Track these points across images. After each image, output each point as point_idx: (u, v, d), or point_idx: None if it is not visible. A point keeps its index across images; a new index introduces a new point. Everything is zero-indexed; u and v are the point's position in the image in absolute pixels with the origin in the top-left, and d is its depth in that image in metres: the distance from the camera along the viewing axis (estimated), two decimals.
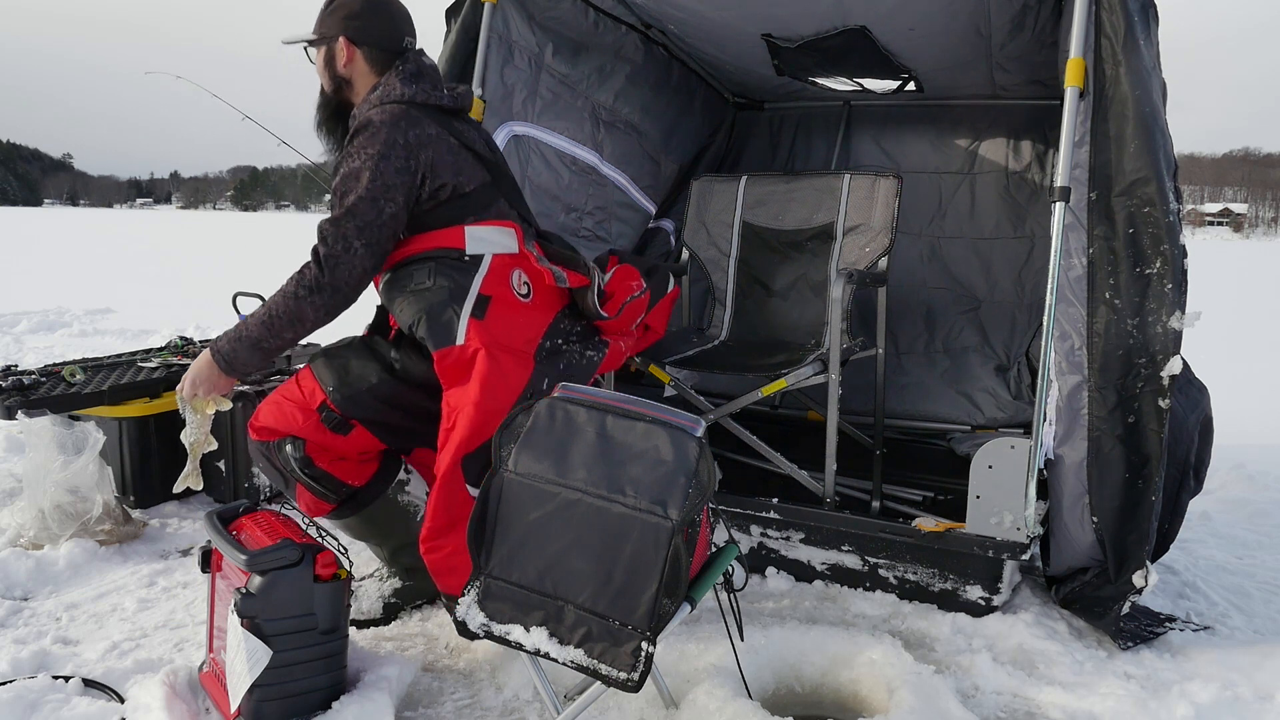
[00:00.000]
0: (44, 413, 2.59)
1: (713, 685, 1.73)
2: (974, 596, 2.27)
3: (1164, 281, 1.99)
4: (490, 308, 1.94)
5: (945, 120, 3.59)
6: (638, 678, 1.47)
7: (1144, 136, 1.97)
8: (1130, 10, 1.98)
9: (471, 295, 1.93)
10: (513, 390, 1.91)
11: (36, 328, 7.07)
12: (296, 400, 2.02)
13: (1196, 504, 2.80)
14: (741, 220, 3.09)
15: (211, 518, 1.80)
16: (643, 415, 1.59)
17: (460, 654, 2.03)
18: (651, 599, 1.48)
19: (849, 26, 2.81)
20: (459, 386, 1.88)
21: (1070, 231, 2.06)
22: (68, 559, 2.43)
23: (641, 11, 3.00)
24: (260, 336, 1.94)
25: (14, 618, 2.18)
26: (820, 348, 2.67)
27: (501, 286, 1.98)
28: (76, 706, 1.75)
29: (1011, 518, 2.18)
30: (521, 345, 1.96)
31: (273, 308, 1.92)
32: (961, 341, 3.48)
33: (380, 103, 1.97)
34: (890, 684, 1.79)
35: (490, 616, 1.60)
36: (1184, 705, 1.84)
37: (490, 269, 1.98)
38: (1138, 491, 2.05)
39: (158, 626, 2.16)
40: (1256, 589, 2.49)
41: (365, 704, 1.71)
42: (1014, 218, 3.47)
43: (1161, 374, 2.00)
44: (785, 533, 2.44)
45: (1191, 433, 2.22)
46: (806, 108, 3.84)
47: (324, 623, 1.70)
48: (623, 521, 1.52)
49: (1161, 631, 2.17)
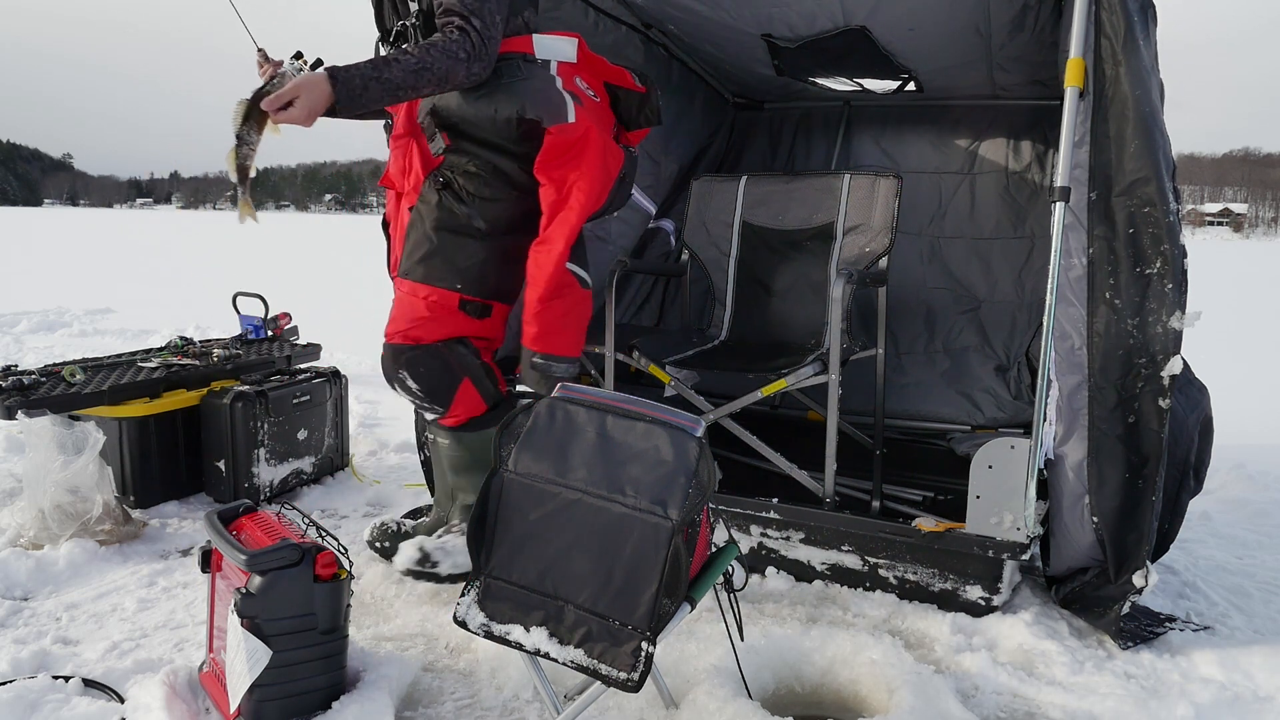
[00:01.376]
0: (44, 413, 2.59)
1: (713, 685, 1.73)
2: (974, 596, 2.27)
3: (1164, 281, 1.99)
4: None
5: (945, 120, 3.59)
6: (638, 678, 1.47)
7: (1144, 137, 1.97)
8: (1130, 10, 1.98)
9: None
10: (612, 172, 2.19)
11: (36, 328, 7.07)
12: (435, 311, 2.20)
13: (1196, 504, 2.80)
14: (742, 220, 3.09)
15: (211, 518, 1.80)
16: (643, 415, 1.59)
17: (460, 654, 2.03)
18: (651, 599, 1.48)
19: (849, 27, 2.81)
20: (569, 163, 2.12)
21: (1070, 231, 2.06)
22: (68, 559, 2.43)
23: (641, 12, 3.00)
24: (402, 82, 1.99)
25: (14, 618, 2.18)
26: (820, 348, 2.67)
27: (572, 87, 2.19)
28: (76, 706, 1.75)
29: (1011, 518, 2.18)
30: (611, 132, 2.23)
31: (426, 61, 1.99)
32: (961, 341, 3.48)
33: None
34: (890, 684, 1.78)
35: (490, 616, 1.60)
36: (1184, 705, 1.84)
37: (558, 73, 2.19)
38: (1138, 491, 2.05)
39: (158, 626, 2.16)
40: (1256, 589, 2.49)
41: (365, 704, 1.71)
42: (1014, 218, 3.47)
43: (1162, 374, 2.00)
44: (785, 533, 2.44)
45: (1191, 433, 2.22)
46: (806, 108, 3.84)
47: (324, 623, 1.70)
48: (623, 521, 1.52)
49: (1161, 631, 2.17)
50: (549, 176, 2.15)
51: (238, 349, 3.40)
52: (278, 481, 3.07)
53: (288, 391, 3.07)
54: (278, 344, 3.58)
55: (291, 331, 3.74)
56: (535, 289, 2.18)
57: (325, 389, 3.24)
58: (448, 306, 2.22)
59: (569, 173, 2.13)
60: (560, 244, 2.15)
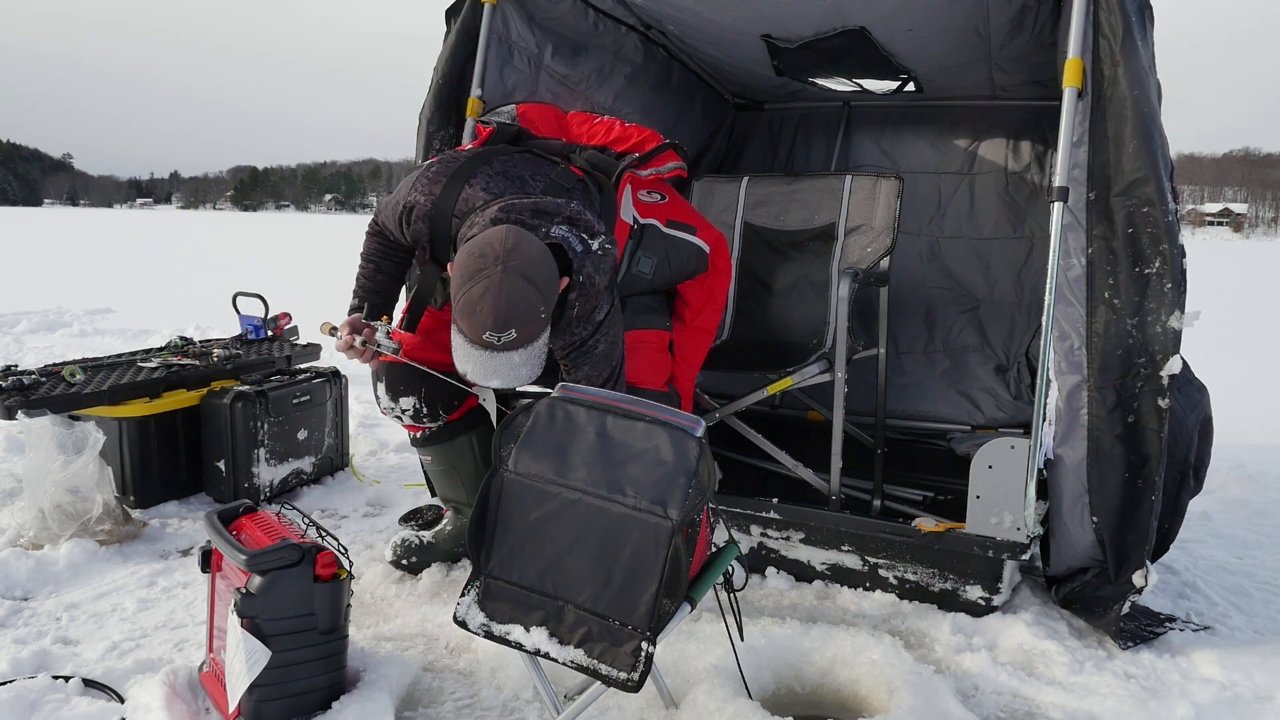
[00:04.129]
0: (44, 413, 2.59)
1: (713, 685, 1.73)
2: (974, 596, 2.27)
3: (1163, 281, 1.99)
4: None
5: (945, 121, 3.59)
6: (638, 678, 1.47)
7: (1142, 136, 1.97)
8: (1128, 11, 1.98)
9: None
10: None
11: (36, 328, 7.07)
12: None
13: (1196, 504, 2.80)
14: (743, 220, 3.09)
15: (211, 518, 1.80)
16: (643, 415, 1.59)
17: (460, 654, 2.03)
18: (651, 599, 1.48)
19: (848, 27, 2.80)
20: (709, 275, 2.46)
21: (1069, 231, 2.06)
22: (68, 559, 2.43)
23: (641, 12, 3.00)
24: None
25: (14, 618, 2.18)
26: (822, 347, 2.67)
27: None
28: (76, 706, 1.75)
29: (1011, 518, 2.18)
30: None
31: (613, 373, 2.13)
32: (961, 341, 3.48)
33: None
34: (890, 684, 1.79)
35: (490, 616, 1.60)
36: (1184, 705, 1.84)
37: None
38: (1137, 491, 2.05)
39: (158, 626, 2.16)
40: (1256, 589, 2.49)
41: (365, 704, 1.71)
42: (1013, 218, 3.47)
43: (1161, 374, 2.00)
44: (785, 533, 2.44)
45: (1191, 432, 2.22)
46: (806, 108, 3.84)
47: (324, 623, 1.70)
48: (623, 521, 1.52)
49: (1161, 631, 2.17)
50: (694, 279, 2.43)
51: (238, 349, 3.40)
52: (278, 481, 3.07)
53: (288, 391, 3.07)
54: (278, 344, 3.58)
55: (291, 331, 3.74)
56: (692, 369, 2.44)
57: (325, 389, 3.24)
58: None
59: (712, 276, 2.43)
60: (713, 334, 2.49)
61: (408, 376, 2.29)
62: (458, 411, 2.41)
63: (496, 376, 1.82)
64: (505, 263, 1.77)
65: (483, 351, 1.79)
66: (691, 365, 2.44)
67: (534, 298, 1.78)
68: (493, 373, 1.82)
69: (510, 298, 1.75)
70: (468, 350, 1.81)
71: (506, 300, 1.75)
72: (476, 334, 1.77)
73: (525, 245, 1.81)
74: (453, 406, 2.39)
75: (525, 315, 1.78)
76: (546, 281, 1.82)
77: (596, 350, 2.03)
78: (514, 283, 1.76)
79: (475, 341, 1.79)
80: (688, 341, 2.42)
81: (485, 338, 1.77)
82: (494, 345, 1.78)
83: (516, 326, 1.77)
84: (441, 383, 2.31)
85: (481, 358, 1.80)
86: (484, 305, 1.75)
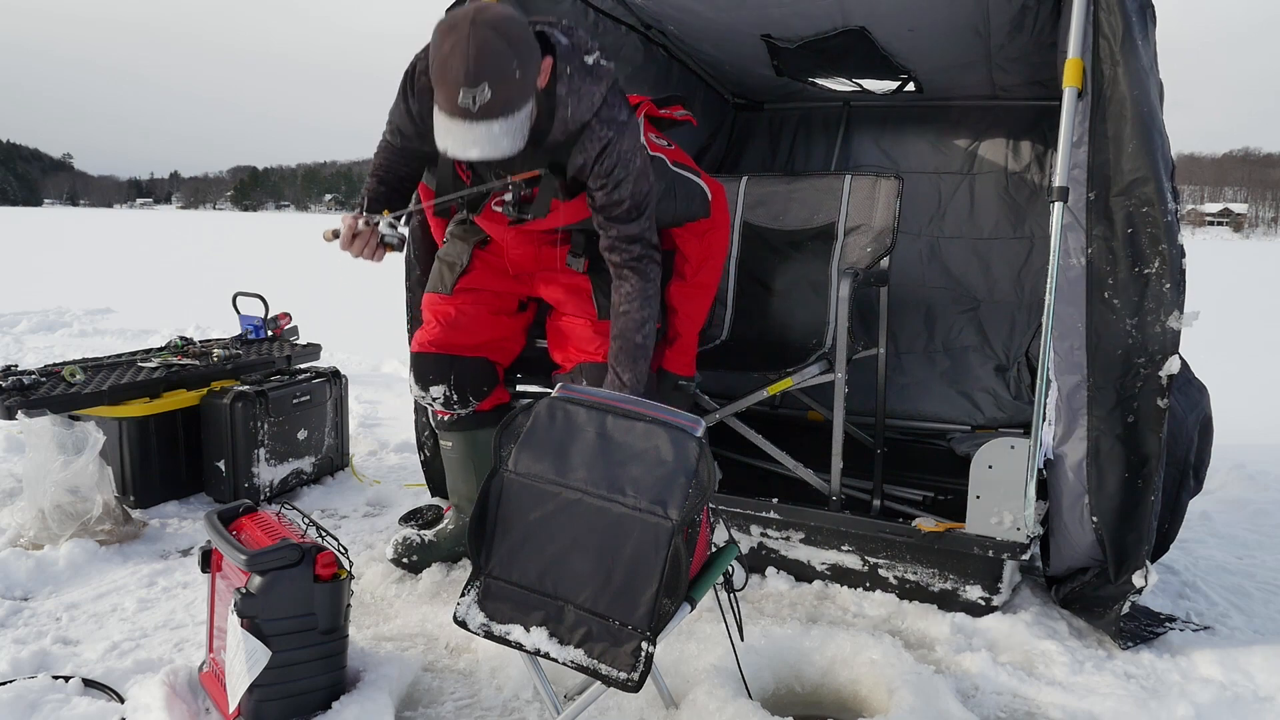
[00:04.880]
0: (44, 413, 2.59)
1: (713, 685, 1.73)
2: (974, 596, 2.27)
3: (1162, 281, 1.99)
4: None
5: (945, 121, 3.59)
6: (638, 678, 1.47)
7: (1142, 137, 1.97)
8: (1128, 11, 1.98)
9: None
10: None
11: (36, 328, 7.07)
12: (481, 312, 2.37)
13: (1196, 504, 2.80)
14: (742, 220, 3.09)
15: (211, 518, 1.80)
16: (643, 415, 1.59)
17: (460, 654, 2.03)
18: (651, 599, 1.48)
19: (848, 27, 2.81)
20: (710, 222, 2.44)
21: (1069, 231, 2.07)
22: (68, 559, 2.43)
23: (641, 12, 3.00)
24: (645, 344, 2.21)
25: (14, 618, 2.18)
26: (821, 347, 2.67)
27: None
28: (76, 706, 1.75)
29: (1011, 518, 2.18)
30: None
31: (647, 314, 2.18)
32: (961, 341, 3.49)
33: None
34: (890, 684, 1.79)
35: (490, 616, 1.60)
36: (1184, 705, 1.84)
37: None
38: (1137, 491, 2.05)
39: (158, 626, 2.16)
40: (1256, 589, 2.49)
41: (365, 704, 1.71)
42: (1013, 218, 3.47)
43: (1160, 373, 2.00)
44: (785, 533, 2.44)
45: (1191, 432, 2.22)
46: (806, 108, 3.84)
47: (324, 623, 1.70)
48: (623, 522, 1.52)
49: (1161, 631, 2.17)
50: (694, 232, 2.40)
51: (238, 349, 3.40)
52: (278, 481, 3.07)
53: (288, 391, 3.07)
54: (278, 344, 3.58)
55: (291, 331, 3.74)
56: (695, 324, 2.46)
57: (325, 389, 3.24)
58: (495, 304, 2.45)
59: (711, 231, 2.42)
60: (714, 289, 2.49)
61: (435, 366, 2.36)
62: (487, 401, 2.44)
63: (475, 147, 1.77)
64: (474, 19, 1.73)
65: (461, 122, 1.75)
66: (694, 321, 2.47)
67: (505, 50, 1.73)
68: (472, 144, 1.76)
69: (480, 47, 1.70)
70: (447, 123, 1.76)
71: (476, 49, 1.70)
72: (451, 97, 1.72)
73: (498, 7, 1.77)
74: (482, 394, 2.42)
75: (497, 70, 1.71)
76: (520, 40, 1.77)
77: (623, 206, 2.06)
78: (483, 33, 1.72)
79: (453, 111, 1.74)
80: (689, 298, 2.44)
81: (460, 101, 1.72)
82: (470, 111, 1.73)
83: (489, 81, 1.71)
84: (471, 369, 2.37)
85: (460, 129, 1.75)
86: (454, 59, 1.71)
